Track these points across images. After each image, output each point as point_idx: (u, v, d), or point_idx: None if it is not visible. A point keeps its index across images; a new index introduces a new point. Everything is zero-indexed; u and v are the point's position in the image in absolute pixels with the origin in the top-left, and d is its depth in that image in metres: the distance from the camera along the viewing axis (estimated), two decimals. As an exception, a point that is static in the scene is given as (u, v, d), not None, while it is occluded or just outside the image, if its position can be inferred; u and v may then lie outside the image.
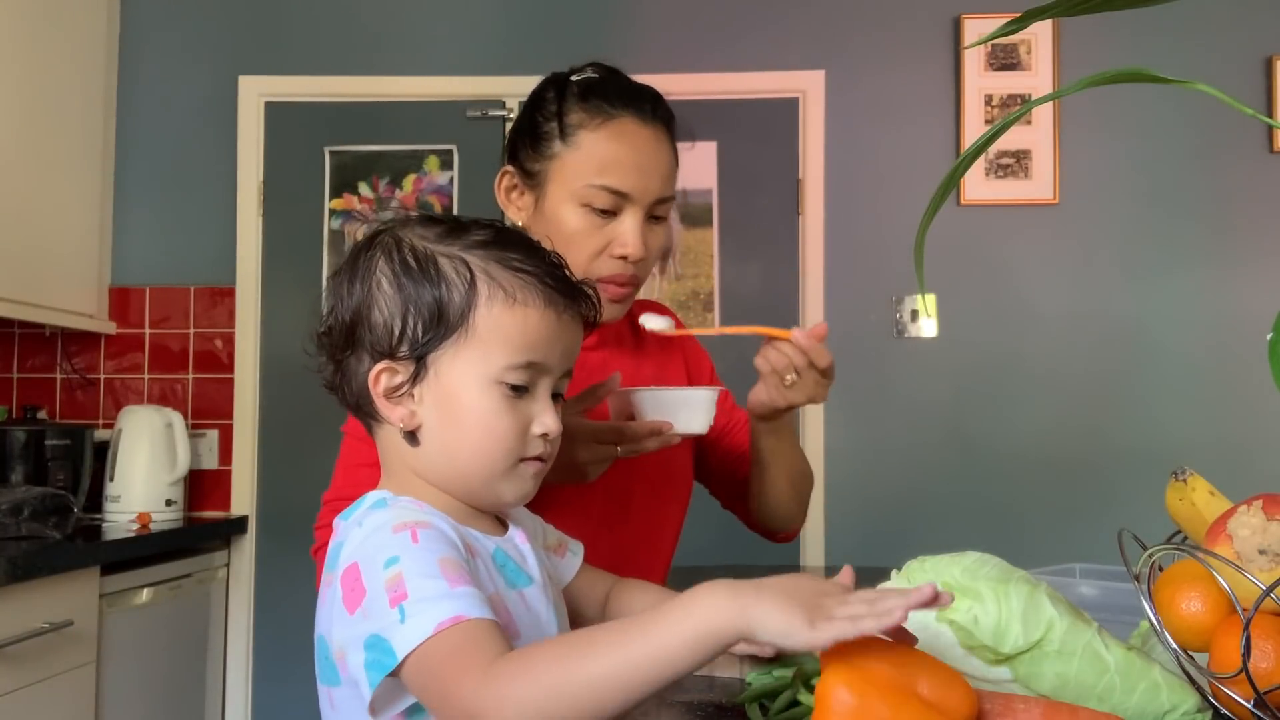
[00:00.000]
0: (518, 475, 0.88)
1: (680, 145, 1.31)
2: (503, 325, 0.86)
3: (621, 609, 1.08)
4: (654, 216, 1.27)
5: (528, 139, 1.28)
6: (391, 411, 0.87)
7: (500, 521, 0.95)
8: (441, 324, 0.85)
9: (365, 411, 0.90)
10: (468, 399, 0.86)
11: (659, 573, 1.39)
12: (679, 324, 1.34)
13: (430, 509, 0.86)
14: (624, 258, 1.23)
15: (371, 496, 0.88)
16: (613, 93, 1.26)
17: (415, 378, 0.86)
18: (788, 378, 1.19)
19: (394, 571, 0.77)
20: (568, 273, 0.91)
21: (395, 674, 0.75)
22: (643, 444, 1.15)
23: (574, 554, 1.05)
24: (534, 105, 1.29)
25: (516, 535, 0.93)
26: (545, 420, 0.88)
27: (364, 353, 0.87)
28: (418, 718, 0.82)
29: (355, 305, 0.88)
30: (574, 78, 1.28)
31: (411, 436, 0.87)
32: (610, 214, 1.23)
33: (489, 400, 0.86)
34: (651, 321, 1.28)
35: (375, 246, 0.89)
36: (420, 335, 0.85)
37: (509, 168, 1.31)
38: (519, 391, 0.87)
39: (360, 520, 0.84)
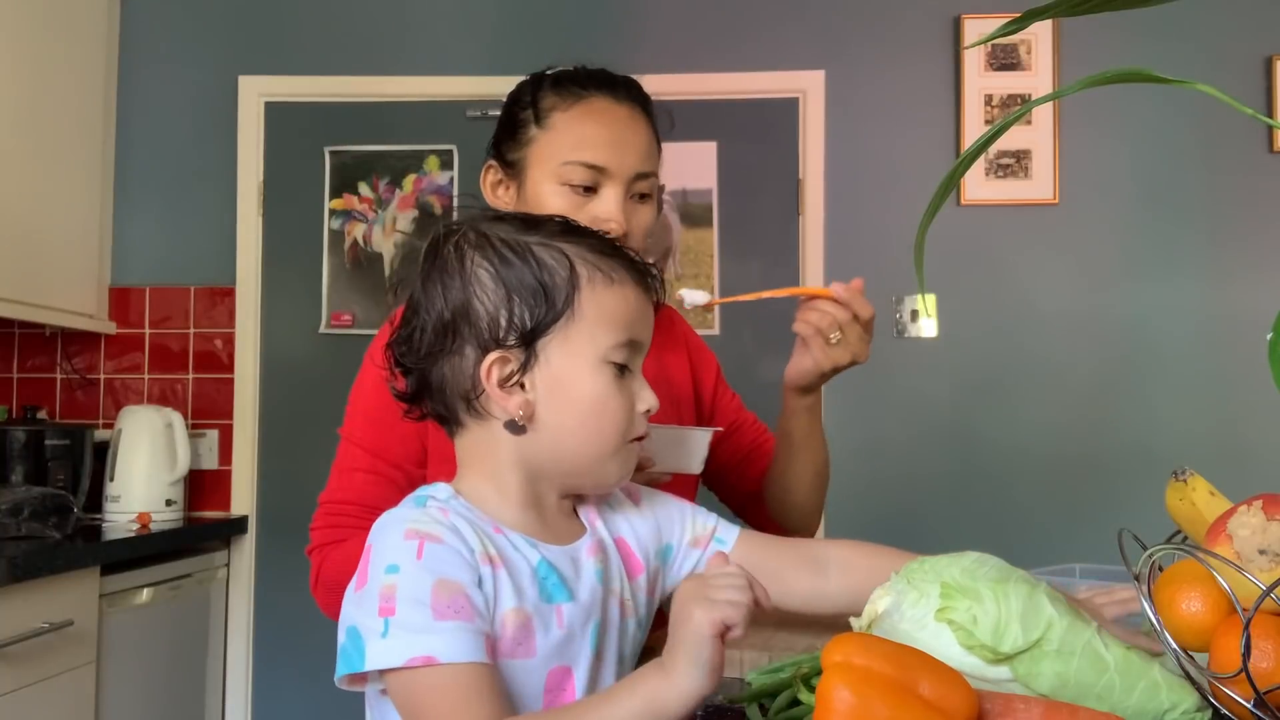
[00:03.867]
0: (625, 454, 0.89)
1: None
2: (605, 305, 0.87)
3: (847, 564, 0.99)
4: (637, 194, 1.26)
5: (507, 131, 1.31)
6: (506, 401, 0.86)
7: (578, 524, 0.92)
8: (549, 309, 0.85)
9: (469, 409, 0.87)
10: (581, 381, 0.86)
11: None
12: (711, 304, 1.32)
13: (467, 514, 0.85)
14: (608, 233, 1.22)
15: (427, 490, 0.88)
16: (584, 77, 1.29)
17: (525, 366, 0.86)
18: (832, 336, 1.17)
19: (390, 581, 0.79)
20: (633, 254, 0.92)
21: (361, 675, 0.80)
22: None
23: (720, 540, 1.00)
24: (512, 100, 1.33)
25: (584, 546, 0.90)
26: (646, 396, 0.89)
27: (469, 348, 0.86)
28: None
29: (457, 302, 0.86)
30: (549, 72, 1.31)
31: (516, 425, 0.86)
32: (590, 191, 1.24)
33: (601, 381, 0.86)
34: (691, 296, 1.26)
35: (462, 244, 0.88)
36: (528, 322, 0.85)
37: (491, 162, 1.34)
38: (623, 371, 0.88)
39: (404, 502, 0.87)
